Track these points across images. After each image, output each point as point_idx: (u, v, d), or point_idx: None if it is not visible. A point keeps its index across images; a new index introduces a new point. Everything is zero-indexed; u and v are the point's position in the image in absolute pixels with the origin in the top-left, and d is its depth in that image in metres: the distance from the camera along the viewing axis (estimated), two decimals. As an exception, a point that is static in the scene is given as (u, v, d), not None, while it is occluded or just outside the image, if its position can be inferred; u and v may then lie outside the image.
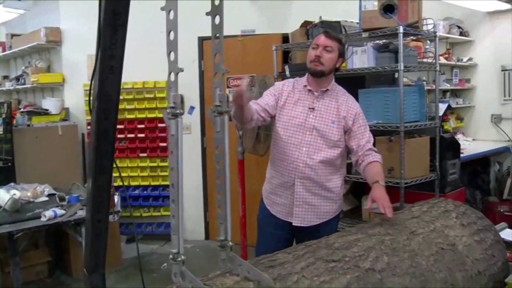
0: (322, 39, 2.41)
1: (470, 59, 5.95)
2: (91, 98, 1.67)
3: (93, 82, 1.61)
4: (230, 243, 1.52)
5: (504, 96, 5.77)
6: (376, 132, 3.40)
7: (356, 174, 3.34)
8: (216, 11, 1.48)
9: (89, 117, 5.08)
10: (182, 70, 1.37)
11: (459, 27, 5.79)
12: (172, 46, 1.36)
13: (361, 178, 3.30)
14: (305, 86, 2.48)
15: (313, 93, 2.45)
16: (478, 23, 5.93)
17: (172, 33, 1.34)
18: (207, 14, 1.49)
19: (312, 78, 2.47)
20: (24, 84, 5.61)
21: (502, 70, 5.74)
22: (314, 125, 2.40)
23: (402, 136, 3.08)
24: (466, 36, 5.91)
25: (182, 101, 1.27)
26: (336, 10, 4.36)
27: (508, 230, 2.61)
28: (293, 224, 2.47)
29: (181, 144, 1.36)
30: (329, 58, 2.39)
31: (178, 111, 1.35)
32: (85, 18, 5.02)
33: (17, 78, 5.85)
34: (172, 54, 1.37)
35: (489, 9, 5.68)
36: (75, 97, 5.10)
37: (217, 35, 1.50)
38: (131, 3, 1.42)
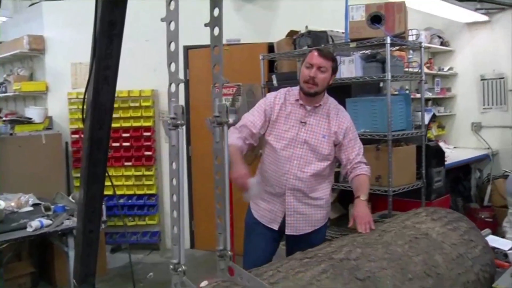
0: (316, 59, 2.39)
1: (450, 69, 6.07)
2: (85, 107, 1.67)
3: (86, 92, 1.61)
4: (230, 252, 1.53)
5: (484, 105, 5.90)
6: (363, 140, 3.44)
7: (344, 183, 3.38)
8: (215, 22, 1.49)
9: (73, 126, 5.06)
10: (183, 81, 1.37)
11: (439, 37, 5.92)
12: (173, 57, 1.36)
13: (348, 187, 3.33)
14: (297, 100, 2.50)
15: (305, 108, 2.48)
16: (458, 33, 6.06)
17: (173, 44, 1.35)
18: (205, 25, 1.50)
19: (304, 95, 2.48)
20: (5, 92, 5.52)
21: (481, 79, 5.88)
22: (305, 139, 2.44)
23: (390, 144, 3.13)
24: (446, 46, 6.04)
25: (183, 112, 1.28)
26: (321, 19, 4.41)
27: (492, 236, 2.67)
28: (286, 233, 2.52)
29: (182, 154, 1.36)
30: (323, 78, 2.41)
31: (179, 122, 1.36)
32: (69, 27, 5.02)
33: (-2, 86, 5.76)
34: (173, 65, 1.37)
35: (467, 20, 5.81)
36: (58, 105, 5.05)
37: (216, 46, 1.51)
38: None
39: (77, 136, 4.98)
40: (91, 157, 1.60)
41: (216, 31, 1.49)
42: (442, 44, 5.95)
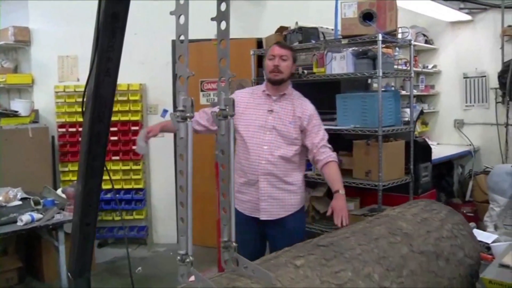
0: (277, 50, 2.68)
1: (434, 66, 6.18)
2: (84, 99, 1.67)
3: (87, 84, 1.61)
4: (234, 243, 1.55)
5: (466, 102, 6.04)
6: (353, 136, 3.51)
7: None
8: (222, 16, 1.51)
9: (60, 119, 5.00)
10: (192, 74, 1.39)
11: (424, 35, 6.02)
12: (182, 50, 1.37)
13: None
14: (263, 91, 2.73)
15: (271, 97, 2.70)
16: (441, 32, 6.18)
17: (182, 37, 1.35)
18: (212, 19, 1.52)
19: (271, 85, 2.71)
20: (-12, 84, 5.42)
21: (464, 78, 6.01)
22: (273, 125, 2.63)
23: (380, 140, 3.18)
24: (430, 44, 6.14)
25: (192, 105, 1.30)
26: (309, 15, 4.45)
27: (475, 229, 2.75)
28: (261, 218, 2.65)
29: (191, 147, 1.37)
30: (286, 66, 2.66)
31: (187, 115, 1.37)
32: (56, 19, 4.95)
33: (-19, 79, 5.64)
34: (183, 58, 1.38)
35: (451, 19, 5.93)
36: (45, 99, 4.98)
37: (223, 39, 1.53)
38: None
39: (63, 130, 4.93)
40: (90, 151, 1.61)
41: (223, 25, 1.51)
42: (426, 42, 6.05)
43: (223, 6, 1.50)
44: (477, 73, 5.89)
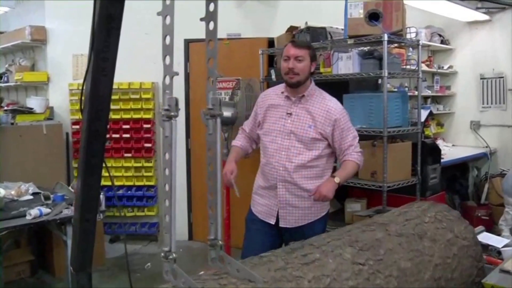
0: (291, 50, 2.47)
1: (450, 67, 6.09)
2: (83, 98, 1.70)
3: (85, 83, 1.65)
4: (220, 242, 1.57)
5: (483, 104, 5.93)
6: (360, 136, 3.48)
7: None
8: (210, 17, 1.52)
9: (74, 117, 5.10)
10: (177, 74, 1.41)
11: (440, 35, 5.93)
12: (168, 50, 1.40)
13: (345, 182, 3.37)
14: (282, 92, 2.57)
15: (290, 99, 2.53)
16: (458, 32, 6.08)
17: (168, 38, 1.38)
18: (201, 19, 1.53)
19: (289, 87, 2.54)
20: (7, 82, 5.55)
21: (481, 78, 5.90)
22: (291, 130, 2.48)
23: (385, 140, 3.16)
24: (446, 44, 6.05)
25: (176, 104, 1.31)
26: (321, 15, 4.43)
27: (485, 233, 2.70)
28: (280, 225, 2.54)
29: (175, 145, 1.40)
30: (302, 67, 2.46)
31: (172, 114, 1.40)
32: (71, 18, 5.04)
33: (0, 76, 5.79)
34: (168, 58, 1.41)
35: (468, 19, 5.83)
36: (60, 96, 5.09)
37: (211, 40, 1.54)
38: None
39: (77, 126, 5.02)
40: (89, 148, 1.64)
41: (211, 25, 1.52)
42: (442, 42, 5.96)
43: (211, 7, 1.51)
44: (495, 74, 5.78)
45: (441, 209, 2.13)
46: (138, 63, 4.76)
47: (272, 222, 2.55)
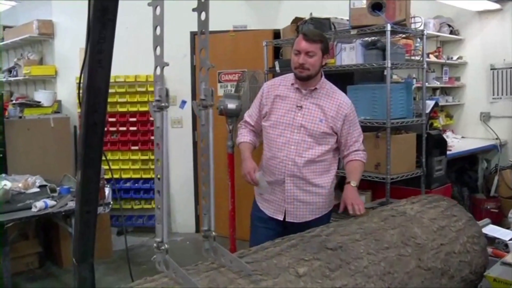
0: (303, 45, 2.38)
1: (460, 58, 6.00)
2: (81, 91, 1.71)
3: (82, 76, 1.66)
4: (214, 233, 1.57)
5: (493, 95, 5.84)
6: (363, 128, 3.46)
7: (344, 170, 3.40)
8: (202, 7, 1.51)
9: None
10: (167, 64, 1.41)
11: (449, 26, 5.84)
12: (158, 41, 1.40)
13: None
14: (292, 84, 2.49)
15: (301, 91, 2.46)
16: (468, 22, 5.98)
17: (158, 28, 1.38)
18: (193, 10, 1.53)
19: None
20: (16, 76, 5.61)
21: (491, 69, 5.81)
22: (301, 123, 2.41)
23: (388, 132, 3.13)
24: (456, 34, 5.96)
25: (167, 95, 1.31)
26: (326, 7, 4.39)
27: (491, 226, 2.67)
28: (287, 220, 2.49)
29: (166, 136, 1.40)
30: (313, 62, 2.39)
31: (163, 104, 1.40)
32: (78, 12, 5.03)
33: (9, 70, 5.85)
34: (158, 48, 1.41)
35: (478, 9, 5.73)
36: (67, 89, 5.13)
37: (203, 30, 1.53)
38: (126, -3, 1.45)
39: (85, 120, 5.05)
40: (87, 141, 1.65)
41: (203, 16, 1.52)
42: (451, 32, 5.87)
43: (203, -3, 1.50)
44: (505, 64, 5.68)
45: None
46: (144, 56, 4.73)
47: (280, 218, 2.50)
